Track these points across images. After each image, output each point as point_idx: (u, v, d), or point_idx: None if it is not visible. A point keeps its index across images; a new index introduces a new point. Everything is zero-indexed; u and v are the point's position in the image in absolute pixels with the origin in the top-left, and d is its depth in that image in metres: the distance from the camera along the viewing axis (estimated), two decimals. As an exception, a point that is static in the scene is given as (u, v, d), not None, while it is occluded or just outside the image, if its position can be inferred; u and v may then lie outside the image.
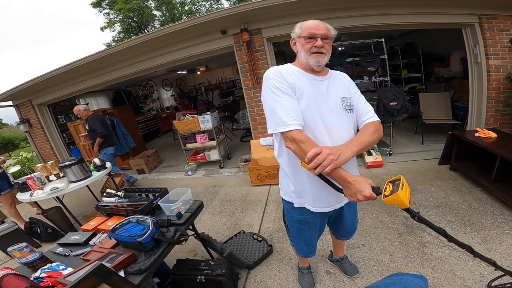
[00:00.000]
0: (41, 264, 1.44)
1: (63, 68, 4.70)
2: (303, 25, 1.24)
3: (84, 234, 1.76)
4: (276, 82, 1.20)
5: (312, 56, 1.22)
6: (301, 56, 1.27)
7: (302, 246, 1.62)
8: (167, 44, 4.23)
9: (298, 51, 1.28)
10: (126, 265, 1.34)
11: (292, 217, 1.50)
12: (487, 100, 3.80)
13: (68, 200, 4.55)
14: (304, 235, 1.55)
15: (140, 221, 1.58)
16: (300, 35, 1.24)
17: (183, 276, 1.91)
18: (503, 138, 2.93)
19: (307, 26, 1.22)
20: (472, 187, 2.94)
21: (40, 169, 3.32)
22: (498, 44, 3.58)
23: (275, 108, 1.17)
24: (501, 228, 2.21)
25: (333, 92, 1.28)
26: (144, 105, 10.18)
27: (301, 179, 1.33)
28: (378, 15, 3.67)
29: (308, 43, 1.21)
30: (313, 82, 1.26)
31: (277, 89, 1.19)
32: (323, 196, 1.33)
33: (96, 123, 4.24)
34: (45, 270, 1.37)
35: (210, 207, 3.47)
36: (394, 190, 0.97)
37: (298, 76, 1.24)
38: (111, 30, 18.53)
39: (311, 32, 1.20)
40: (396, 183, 1.00)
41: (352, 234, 1.72)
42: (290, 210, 1.48)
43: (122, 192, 2.12)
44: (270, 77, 1.22)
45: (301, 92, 1.21)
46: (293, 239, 1.64)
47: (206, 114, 4.76)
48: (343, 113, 1.26)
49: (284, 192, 1.47)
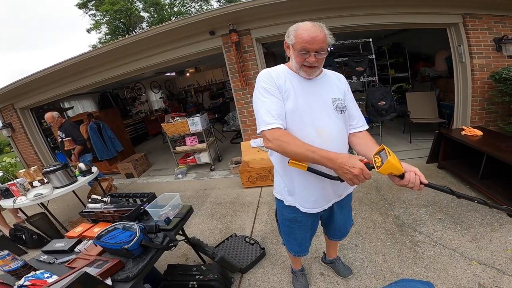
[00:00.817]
0: (24, 272, 1.39)
1: (46, 70, 4.57)
2: (298, 33, 1.14)
3: (69, 241, 1.70)
4: (264, 83, 1.21)
5: (303, 69, 1.20)
6: (293, 64, 1.24)
7: (293, 245, 1.61)
8: (155, 45, 4.15)
9: (290, 57, 1.25)
10: (113, 273, 1.29)
11: (283, 215, 1.50)
12: (472, 99, 3.88)
13: (54, 206, 4.41)
14: (295, 234, 1.53)
15: (126, 227, 1.53)
16: (293, 44, 1.17)
17: (174, 282, 1.86)
18: (489, 136, 3.00)
19: (301, 39, 1.12)
20: (460, 184, 2.99)
21: (23, 175, 3.22)
22: (481, 43, 3.66)
23: (259, 109, 1.20)
24: (491, 225, 2.24)
25: (324, 92, 1.27)
26: (132, 108, 9.99)
27: (291, 178, 1.34)
28: (365, 15, 3.71)
29: (300, 56, 1.16)
30: (304, 82, 1.25)
31: (264, 90, 1.20)
32: (312, 197, 1.33)
33: (75, 131, 4.10)
34: (29, 278, 1.32)
35: (201, 210, 3.41)
36: (383, 159, 1.00)
37: (288, 77, 1.24)
38: (97, 31, 18.21)
39: (305, 47, 1.12)
40: (382, 153, 1.03)
41: (344, 235, 1.71)
42: (282, 208, 1.48)
43: (108, 198, 2.05)
44: (260, 79, 1.24)
45: (288, 93, 1.21)
46: (285, 237, 1.63)
47: (196, 116, 4.70)
48: (334, 114, 1.25)
49: (276, 190, 1.47)
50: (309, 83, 1.25)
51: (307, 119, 1.20)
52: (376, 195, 3.05)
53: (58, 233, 3.24)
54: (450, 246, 2.08)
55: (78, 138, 4.03)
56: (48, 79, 4.88)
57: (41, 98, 5.40)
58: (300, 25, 1.16)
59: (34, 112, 6.04)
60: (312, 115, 1.21)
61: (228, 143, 6.68)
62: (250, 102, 4.18)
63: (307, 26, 1.13)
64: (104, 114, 6.12)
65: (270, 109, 1.17)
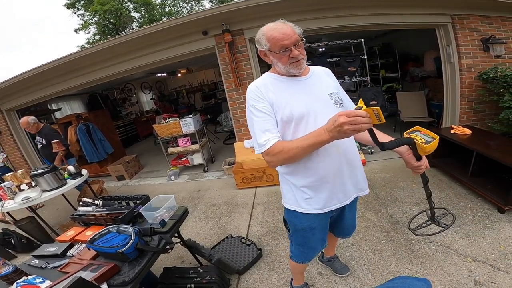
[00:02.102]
0: (16, 277, 1.35)
1: (33, 71, 4.44)
2: (269, 36, 1.12)
3: (60, 245, 1.66)
4: (253, 101, 1.18)
5: (292, 65, 1.16)
6: (279, 67, 1.20)
7: (308, 253, 1.51)
8: (146, 46, 4.09)
9: (274, 63, 1.22)
10: (109, 277, 1.26)
11: (296, 226, 1.38)
12: (461, 98, 3.96)
13: (43, 209, 4.29)
14: (310, 242, 1.43)
15: (121, 230, 1.50)
16: (270, 49, 1.14)
17: (171, 285, 1.82)
18: (478, 134, 3.07)
19: (275, 39, 1.11)
20: (451, 182, 3.04)
21: (10, 179, 3.13)
22: (469, 43, 3.74)
23: (254, 130, 1.17)
24: (482, 222, 2.29)
25: (320, 90, 1.23)
26: (122, 109, 9.82)
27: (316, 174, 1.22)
28: (356, 15, 3.74)
29: (283, 56, 1.14)
30: (298, 85, 1.21)
31: (255, 109, 1.17)
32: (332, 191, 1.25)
33: (56, 135, 3.90)
34: (21, 283, 1.28)
35: (195, 212, 3.37)
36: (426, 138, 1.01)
37: (279, 85, 1.20)
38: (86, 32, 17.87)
39: (282, 44, 1.11)
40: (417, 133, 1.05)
41: (352, 232, 1.64)
42: (294, 219, 1.36)
43: (100, 201, 2.00)
44: (249, 97, 1.20)
45: (286, 101, 1.16)
46: (297, 247, 1.50)
47: (188, 117, 4.65)
48: (335, 110, 1.20)
49: (286, 199, 1.36)
50: (303, 84, 1.22)
51: (312, 121, 1.15)
52: (370, 193, 3.07)
53: (48, 237, 3.16)
54: (444, 243, 2.11)
55: (62, 142, 3.85)
56: (35, 80, 4.74)
57: (27, 99, 5.24)
58: (265, 29, 1.15)
59: (21, 114, 5.86)
60: (316, 116, 1.16)
61: (221, 144, 6.65)
62: (243, 103, 4.16)
63: (272, 26, 1.13)
64: (93, 115, 6.00)
65: (263, 128, 1.14)
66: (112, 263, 1.29)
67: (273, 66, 1.25)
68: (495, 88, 3.39)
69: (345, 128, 0.87)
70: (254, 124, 1.17)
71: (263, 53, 1.21)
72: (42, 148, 4.06)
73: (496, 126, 3.55)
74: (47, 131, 3.93)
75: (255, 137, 1.17)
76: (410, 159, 1.09)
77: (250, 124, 1.21)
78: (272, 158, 1.13)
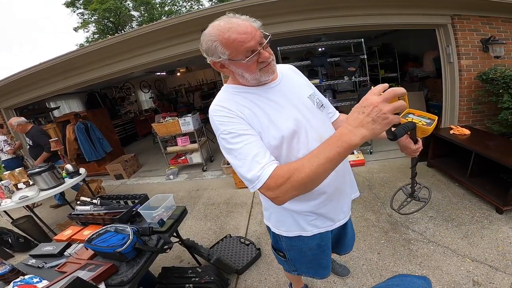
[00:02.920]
0: (13, 276, 1.34)
1: (31, 69, 4.42)
2: (227, 41, 0.83)
3: (57, 244, 1.65)
4: (223, 125, 0.89)
5: (262, 72, 0.91)
6: (245, 80, 0.93)
7: (322, 272, 1.33)
8: (145, 44, 4.07)
9: (237, 74, 0.93)
10: (107, 277, 1.25)
11: (301, 249, 1.19)
12: (460, 99, 3.96)
13: (41, 208, 4.27)
14: (319, 260, 1.26)
15: (119, 230, 1.48)
16: (231, 57, 0.86)
17: (170, 285, 1.82)
18: (476, 134, 3.07)
19: (236, 42, 0.82)
20: (449, 183, 3.04)
21: (8, 177, 3.11)
22: (469, 44, 3.73)
23: (236, 162, 0.87)
24: (481, 222, 2.29)
25: (298, 94, 1.02)
26: (121, 108, 9.81)
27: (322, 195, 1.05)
28: (356, 15, 3.72)
29: (251, 60, 0.87)
30: (271, 94, 0.97)
31: (229, 135, 0.87)
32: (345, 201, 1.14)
33: (43, 137, 3.86)
34: (17, 283, 1.27)
35: (194, 211, 3.37)
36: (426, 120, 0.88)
37: (251, 100, 0.94)
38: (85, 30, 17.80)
39: (247, 47, 0.84)
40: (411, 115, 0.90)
41: (353, 243, 1.50)
42: (298, 243, 1.16)
43: (98, 200, 1.99)
44: (215, 122, 0.91)
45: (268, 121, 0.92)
46: (308, 266, 1.29)
47: (187, 116, 4.63)
48: (320, 113, 1.03)
49: (286, 228, 1.15)
50: (277, 91, 0.98)
51: (304, 137, 0.95)
52: (369, 193, 3.07)
53: (46, 237, 3.14)
54: (443, 243, 2.11)
55: (45, 145, 3.77)
56: (33, 78, 4.71)
57: (26, 97, 5.21)
58: (215, 31, 0.85)
59: (19, 112, 5.84)
60: (307, 129, 0.96)
61: (220, 144, 6.63)
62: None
63: (225, 26, 0.84)
64: (91, 114, 5.97)
65: (249, 155, 0.83)
66: (110, 263, 1.29)
67: (233, 77, 0.97)
68: (494, 89, 3.39)
69: (390, 118, 0.65)
70: (234, 155, 0.86)
71: (218, 65, 0.93)
72: (29, 148, 4.08)
73: (495, 126, 3.55)
74: (34, 132, 3.89)
75: (242, 173, 0.85)
76: (409, 143, 0.94)
77: (228, 157, 0.90)
78: (278, 192, 0.78)
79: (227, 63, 0.89)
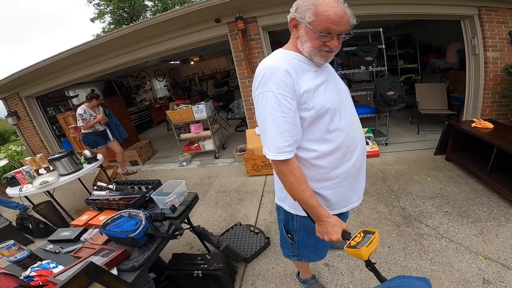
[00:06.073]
0: (31, 262, 1.38)
1: (50, 59, 4.54)
2: (320, 11, 0.88)
3: (74, 230, 1.70)
4: (279, 89, 0.92)
5: (320, 54, 0.97)
6: (302, 47, 0.99)
7: (323, 252, 1.43)
8: (160, 33, 4.09)
9: (300, 39, 0.98)
10: (119, 262, 1.29)
11: (311, 229, 1.17)
12: (484, 91, 3.79)
13: (60, 193, 4.45)
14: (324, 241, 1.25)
15: (132, 215, 1.52)
16: (310, 23, 0.91)
17: (179, 271, 1.86)
18: (500, 128, 2.92)
19: (326, 18, 0.88)
20: (468, 177, 2.94)
21: (29, 163, 3.23)
22: (496, 36, 3.55)
23: (269, 127, 0.95)
24: (498, 220, 2.21)
25: (340, 81, 1.14)
26: (136, 96, 9.99)
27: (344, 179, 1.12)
28: (377, 4, 3.60)
29: (319, 39, 0.92)
30: (323, 72, 1.04)
31: (282, 98, 0.92)
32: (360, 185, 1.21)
33: None
34: (35, 268, 1.31)
35: (205, 198, 3.42)
36: (361, 242, 0.93)
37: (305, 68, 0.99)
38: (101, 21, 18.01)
39: (329, 27, 0.89)
40: (367, 236, 0.94)
41: None
42: (311, 223, 1.13)
43: (113, 185, 2.05)
44: (271, 80, 0.93)
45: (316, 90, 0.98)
46: (309, 250, 1.37)
47: (201, 103, 4.66)
48: (353, 106, 1.15)
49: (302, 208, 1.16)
50: (327, 72, 1.06)
51: (343, 115, 1.03)
52: (382, 186, 3.02)
53: (64, 222, 3.26)
54: (456, 239, 2.06)
55: None
56: (53, 68, 4.85)
57: (46, 86, 5.38)
58: (319, 1, 0.89)
59: (39, 100, 6.05)
60: (345, 110, 1.05)
61: (233, 131, 6.67)
62: (256, 91, 4.13)
63: (330, 2, 0.88)
64: (109, 102, 6.13)
65: (284, 130, 0.93)
66: (122, 248, 1.32)
67: (294, 42, 1.03)
68: (521, 82, 3.21)
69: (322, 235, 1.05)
70: (275, 120, 0.93)
71: (294, 22, 0.99)
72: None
73: (519, 120, 3.38)
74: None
75: (270, 136, 0.95)
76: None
77: (264, 116, 0.96)
78: (279, 174, 1.03)
79: (303, 25, 0.95)
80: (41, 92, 5.65)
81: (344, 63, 6.23)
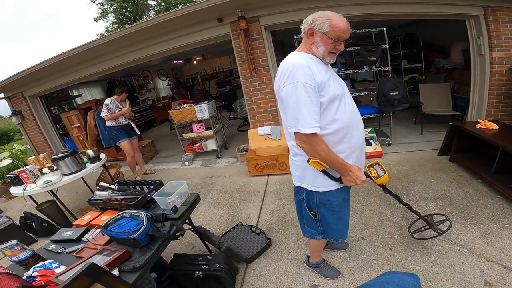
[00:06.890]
0: (33, 262, 1.38)
1: (54, 58, 4.57)
2: (334, 23, 1.21)
3: (77, 230, 1.71)
4: (305, 79, 1.19)
5: (330, 55, 1.30)
6: (317, 50, 1.29)
7: (344, 229, 1.59)
8: (162, 33, 4.10)
9: (315, 44, 1.28)
10: (120, 263, 1.29)
11: (332, 204, 1.45)
12: (489, 92, 3.75)
13: (64, 193, 4.48)
14: (343, 216, 1.55)
15: (133, 216, 1.52)
16: (327, 33, 1.22)
17: (180, 271, 1.87)
18: (505, 129, 2.89)
19: (338, 28, 1.21)
20: (471, 179, 2.91)
21: (33, 162, 3.25)
22: (502, 36, 3.52)
23: (302, 108, 1.20)
24: (501, 222, 2.18)
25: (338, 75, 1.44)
26: (139, 95, 10.03)
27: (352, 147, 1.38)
28: (382, 4, 3.57)
29: (332, 43, 1.24)
30: (329, 69, 1.36)
31: (310, 87, 1.19)
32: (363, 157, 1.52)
33: None
34: (37, 268, 1.31)
35: (207, 198, 3.43)
36: (379, 173, 1.45)
37: (319, 67, 1.28)
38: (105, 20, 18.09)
39: (340, 35, 1.23)
40: (375, 167, 1.46)
41: None
42: (330, 197, 1.43)
43: (115, 185, 2.06)
44: (298, 74, 1.20)
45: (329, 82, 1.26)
46: (331, 227, 1.55)
47: (203, 103, 4.66)
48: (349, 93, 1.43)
49: (318, 184, 1.42)
50: (331, 69, 1.37)
51: (348, 101, 1.34)
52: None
53: (68, 221, 3.27)
54: (459, 241, 2.04)
55: None
56: (56, 68, 4.89)
57: (49, 86, 5.43)
58: (331, 15, 1.22)
59: (43, 100, 6.10)
60: (348, 97, 1.36)
61: (235, 131, 6.66)
62: (258, 90, 4.13)
63: (339, 17, 1.23)
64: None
65: (312, 110, 1.20)
66: (124, 249, 1.33)
67: (309, 46, 1.32)
68: (526, 82, 3.18)
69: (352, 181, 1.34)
70: (305, 102, 1.19)
71: (311, 31, 1.27)
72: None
73: (525, 121, 3.34)
74: None
75: (302, 115, 1.20)
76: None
77: (296, 100, 1.20)
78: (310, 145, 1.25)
79: (319, 34, 1.25)
80: (45, 92, 5.69)
81: (347, 62, 6.19)
